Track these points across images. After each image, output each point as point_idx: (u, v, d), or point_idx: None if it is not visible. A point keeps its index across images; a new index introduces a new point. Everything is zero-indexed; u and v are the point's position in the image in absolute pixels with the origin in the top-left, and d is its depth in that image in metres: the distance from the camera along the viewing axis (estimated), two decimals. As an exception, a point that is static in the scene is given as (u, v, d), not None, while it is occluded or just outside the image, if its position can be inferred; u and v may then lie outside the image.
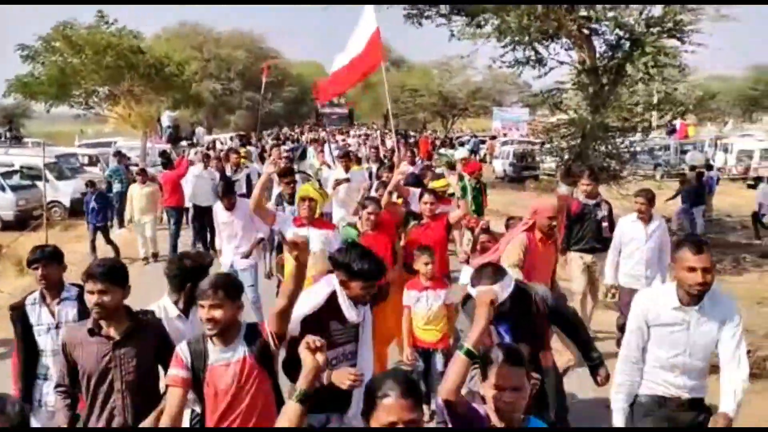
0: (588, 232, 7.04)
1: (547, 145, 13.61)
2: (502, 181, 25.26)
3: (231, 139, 27.45)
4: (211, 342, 3.02)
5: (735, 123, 41.98)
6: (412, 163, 11.99)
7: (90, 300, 3.15)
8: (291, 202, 7.26)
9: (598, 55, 11.44)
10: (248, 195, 11.80)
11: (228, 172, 11.71)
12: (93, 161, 20.18)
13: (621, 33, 11.05)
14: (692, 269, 3.18)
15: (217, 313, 3.02)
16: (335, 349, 3.33)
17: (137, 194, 11.32)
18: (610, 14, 10.66)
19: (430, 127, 45.07)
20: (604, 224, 7.08)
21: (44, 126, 50.10)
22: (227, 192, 7.36)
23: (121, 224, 13.63)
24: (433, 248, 5.46)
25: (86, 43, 17.21)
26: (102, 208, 11.59)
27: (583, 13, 10.60)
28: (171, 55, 20.35)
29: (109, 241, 11.57)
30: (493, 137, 35.49)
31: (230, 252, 7.18)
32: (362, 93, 48.77)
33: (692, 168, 15.61)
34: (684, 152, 26.73)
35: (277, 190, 8.68)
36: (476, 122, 48.25)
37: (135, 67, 18.17)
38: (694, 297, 3.26)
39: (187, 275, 3.72)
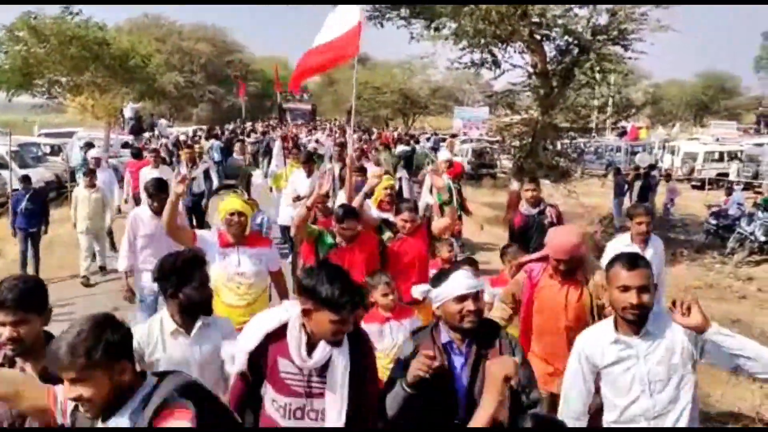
0: (535, 244, 6.32)
1: (502, 144, 14.38)
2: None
3: (195, 132, 27.58)
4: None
5: (682, 126, 43.64)
6: (377, 163, 11.71)
7: (1, 334, 2.51)
8: None
9: (548, 59, 12.15)
10: (208, 192, 10.95)
11: (183, 170, 10.53)
12: (55, 151, 20.15)
13: (570, 39, 11.78)
14: (625, 288, 2.71)
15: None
16: (289, 397, 2.64)
17: (83, 198, 9.64)
18: (560, 21, 11.35)
19: (392, 124, 45.68)
20: None
21: (-1, 115, 49.15)
22: (159, 190, 5.86)
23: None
24: (410, 268, 4.81)
25: (51, 33, 17.28)
26: (36, 211, 9.64)
27: (535, 19, 11.26)
28: (136, 47, 20.45)
29: (36, 252, 9.71)
30: (454, 135, 36.27)
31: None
32: (325, 89, 49.18)
33: (636, 168, 16.52)
34: (634, 153, 27.87)
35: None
36: (437, 120, 49.04)
37: (100, 59, 18.29)
38: (631, 324, 2.77)
39: (170, 277, 3.10)
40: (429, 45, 12.03)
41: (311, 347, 2.59)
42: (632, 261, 2.77)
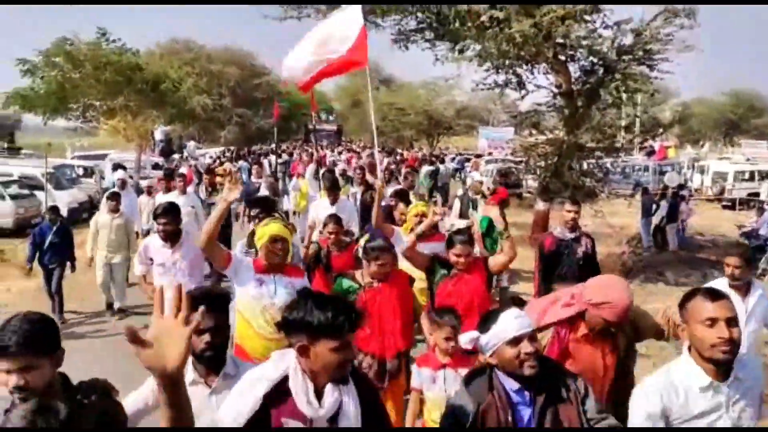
0: (566, 272, 5.99)
1: (527, 164, 14.37)
2: (485, 198, 25.84)
3: (223, 154, 28.06)
4: None
5: (712, 145, 43.08)
6: (411, 186, 11.18)
7: (7, 383, 2.18)
8: None
9: (573, 79, 12.17)
10: (228, 220, 10.11)
11: (201, 194, 10.21)
12: (88, 173, 20.69)
13: (594, 60, 11.80)
14: (712, 322, 2.36)
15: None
16: None
17: (104, 224, 8.94)
18: (584, 42, 11.39)
19: (417, 145, 45.86)
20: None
21: (33, 138, 50.54)
22: (166, 212, 5.54)
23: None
24: (467, 310, 4.23)
25: (86, 59, 17.86)
26: (62, 245, 8.88)
27: (559, 40, 11.31)
28: (167, 71, 21.05)
29: (59, 288, 8.90)
30: (479, 155, 36.32)
31: None
32: (351, 110, 49.62)
33: (665, 188, 16.38)
34: (662, 173, 27.54)
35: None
36: (462, 140, 49.10)
37: (132, 83, 18.86)
38: (720, 365, 2.40)
39: None
40: (453, 67, 12.14)
41: (318, 395, 2.26)
42: (715, 291, 2.48)
